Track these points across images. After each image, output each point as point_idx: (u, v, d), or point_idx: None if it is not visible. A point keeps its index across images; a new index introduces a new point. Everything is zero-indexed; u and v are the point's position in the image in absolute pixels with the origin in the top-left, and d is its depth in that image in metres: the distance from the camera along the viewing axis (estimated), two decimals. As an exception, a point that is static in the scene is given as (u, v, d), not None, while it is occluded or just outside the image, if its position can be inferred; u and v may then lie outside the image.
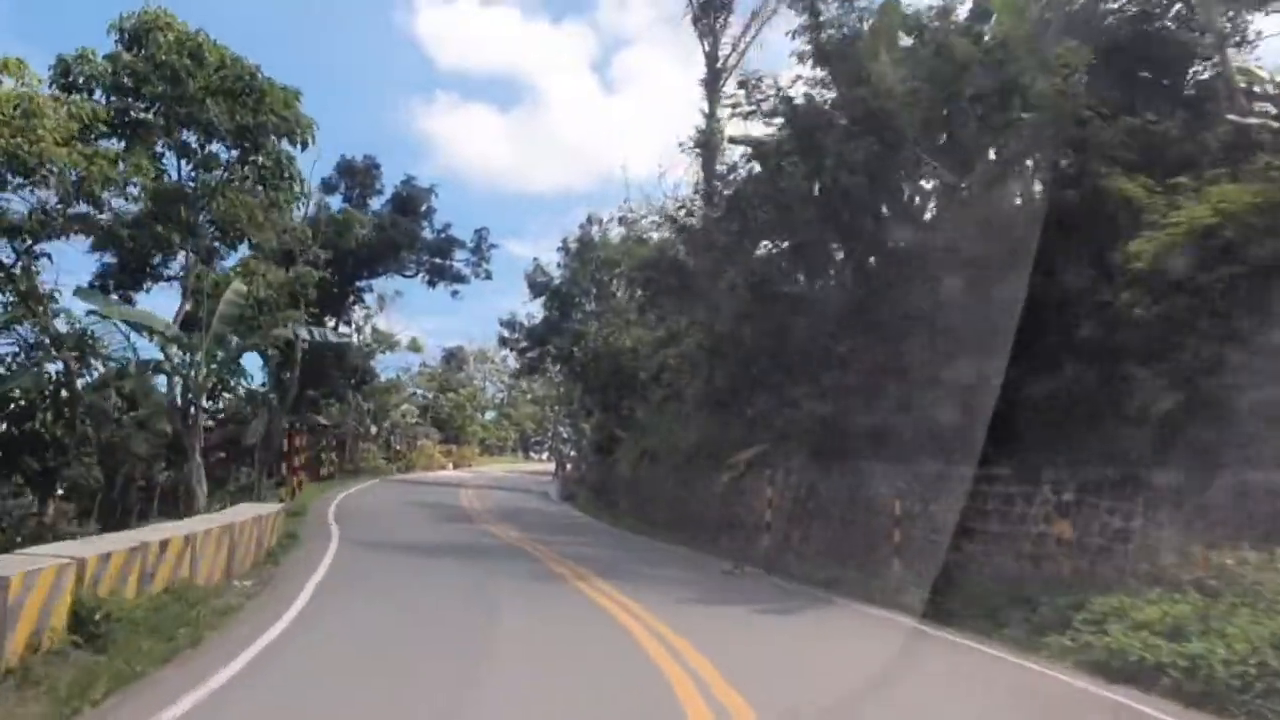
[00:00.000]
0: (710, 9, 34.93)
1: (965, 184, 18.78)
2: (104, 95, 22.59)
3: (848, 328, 20.03)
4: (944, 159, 19.16)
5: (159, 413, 23.34)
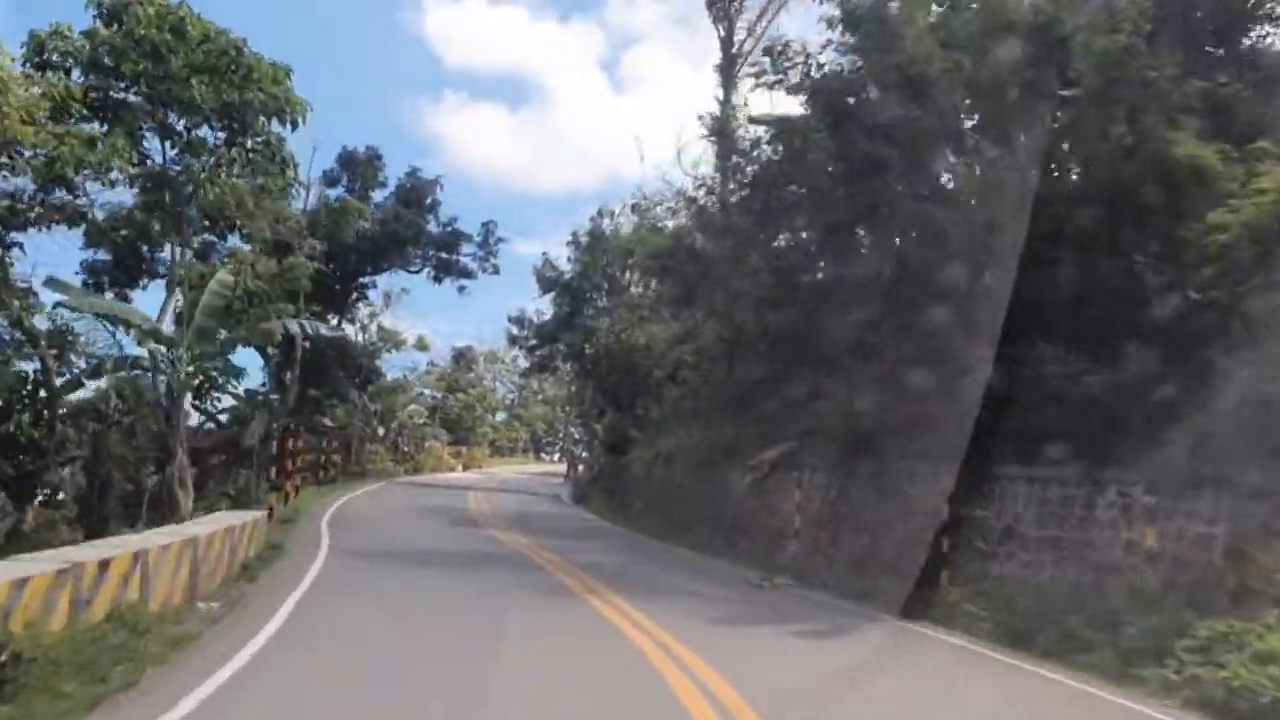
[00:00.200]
0: (726, -8, 33.54)
1: (1009, 156, 17.23)
2: (81, 74, 21.20)
3: (880, 315, 18.50)
4: (986, 130, 17.63)
5: (144, 413, 21.94)
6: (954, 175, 18.76)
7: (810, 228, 19.86)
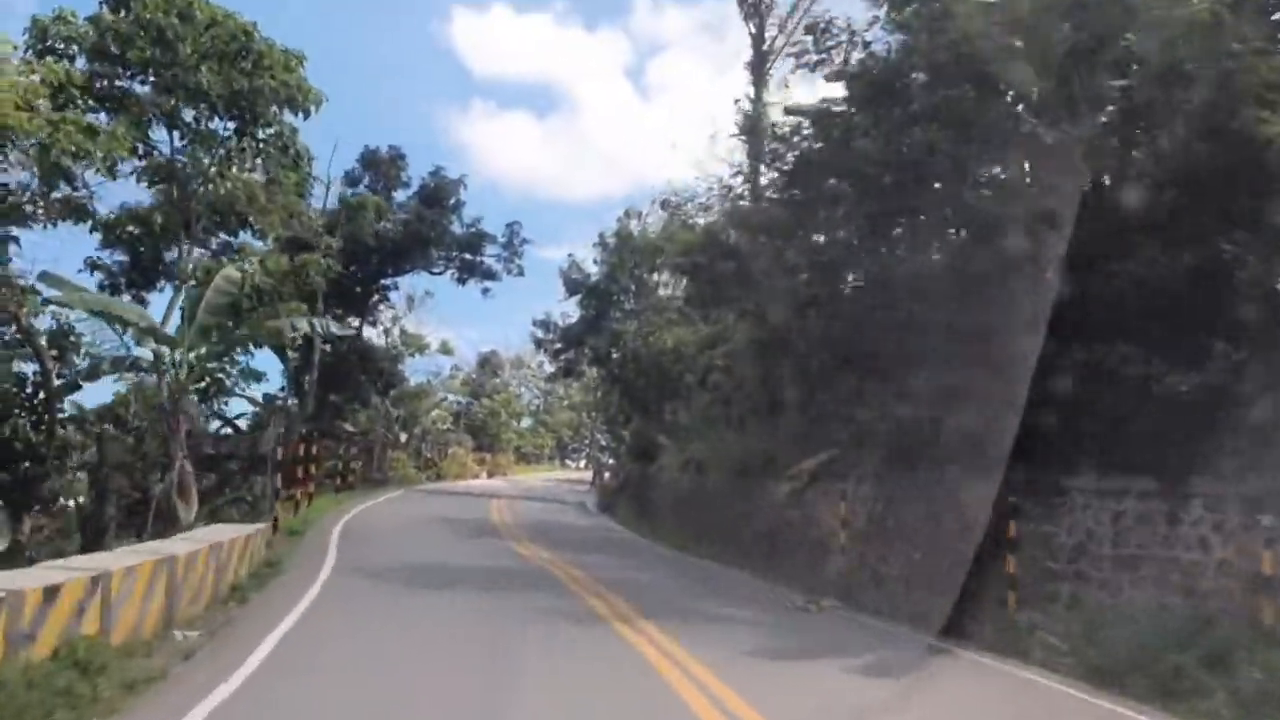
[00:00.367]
0: (758, -14, 32.32)
1: (1072, 138, 15.80)
2: (86, 61, 20.22)
3: (930, 313, 17.12)
4: (1046, 111, 16.21)
5: (152, 416, 20.88)
6: (1010, 161, 17.38)
7: (854, 219, 18.49)
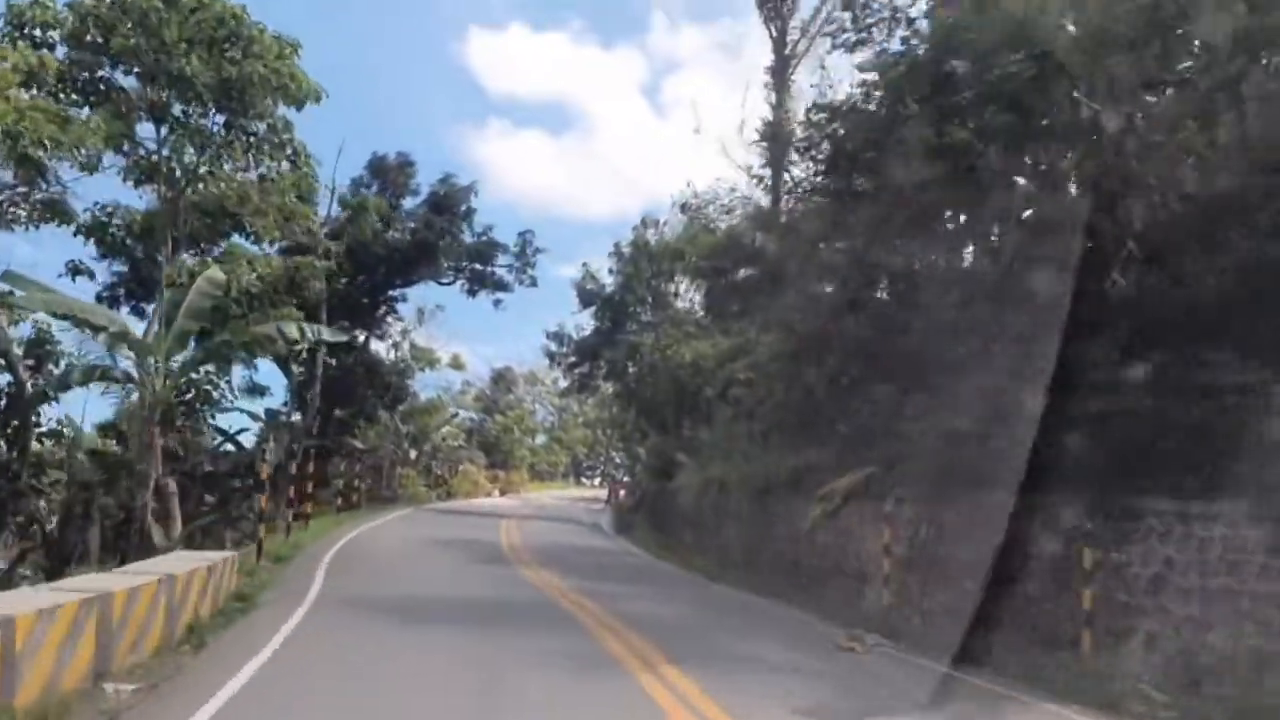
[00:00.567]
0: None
1: (1144, 122, 14.21)
2: (66, 50, 18.88)
3: (983, 317, 15.51)
4: (1111, 94, 14.61)
5: (136, 429, 19.43)
6: (1072, 151, 15.79)
7: (895, 216, 16.92)
